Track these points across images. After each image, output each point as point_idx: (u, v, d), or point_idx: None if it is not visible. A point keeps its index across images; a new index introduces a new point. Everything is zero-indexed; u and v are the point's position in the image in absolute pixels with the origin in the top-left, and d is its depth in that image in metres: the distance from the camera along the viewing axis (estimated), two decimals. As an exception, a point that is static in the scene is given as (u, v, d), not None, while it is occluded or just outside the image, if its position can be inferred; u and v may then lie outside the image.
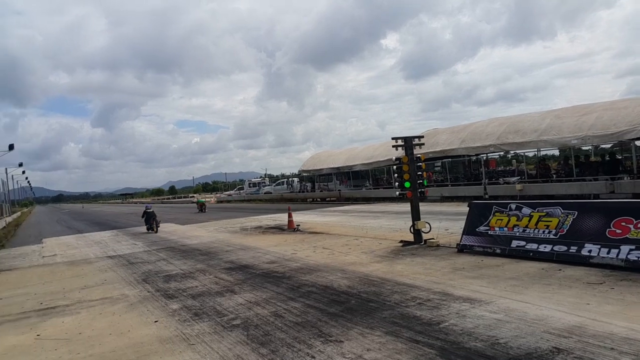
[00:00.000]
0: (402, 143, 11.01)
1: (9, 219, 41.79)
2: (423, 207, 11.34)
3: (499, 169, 28.72)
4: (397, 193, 11.28)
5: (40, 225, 34.14)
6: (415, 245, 10.27)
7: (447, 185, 26.84)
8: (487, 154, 25.77)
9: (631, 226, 6.61)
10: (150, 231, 19.14)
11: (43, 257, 13.65)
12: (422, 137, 11.56)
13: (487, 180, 23.65)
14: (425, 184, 11.25)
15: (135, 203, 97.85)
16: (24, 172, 78.47)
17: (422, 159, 11.31)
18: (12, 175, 68.19)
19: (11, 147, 39.97)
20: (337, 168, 37.52)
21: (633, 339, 4.11)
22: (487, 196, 20.76)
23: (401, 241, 10.82)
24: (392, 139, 11.28)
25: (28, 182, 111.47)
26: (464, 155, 26.21)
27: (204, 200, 39.01)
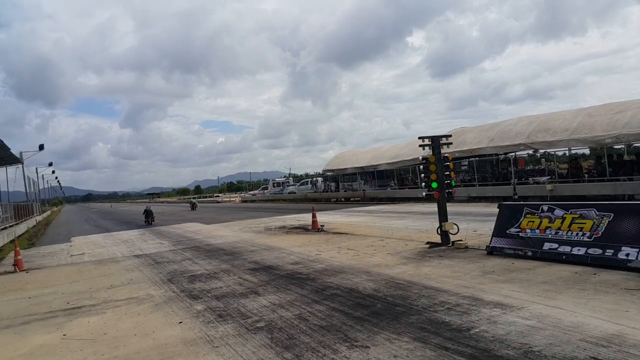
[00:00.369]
0: (429, 142, 10.79)
1: (39, 218, 42.90)
2: (450, 207, 11.12)
3: (528, 168, 28.12)
4: (424, 193, 11.06)
5: (70, 224, 34.91)
6: (442, 247, 10.06)
7: (474, 185, 26.37)
8: (516, 152, 25.24)
9: (672, 229, 6.29)
10: (146, 223, 25.75)
11: (71, 255, 13.89)
12: (450, 136, 11.29)
13: (516, 180, 23.14)
14: (453, 184, 11.00)
15: (162, 202, 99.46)
16: (53, 172, 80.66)
17: (450, 159, 11.07)
18: (43, 175, 70.22)
19: (41, 147, 41.05)
20: (362, 168, 37.31)
21: (680, 350, 3.87)
22: (516, 196, 20.30)
23: (428, 242, 10.62)
24: (419, 138, 11.05)
25: (58, 181, 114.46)
26: (491, 155, 25.72)
27: (195, 200, 48.55)
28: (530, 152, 24.97)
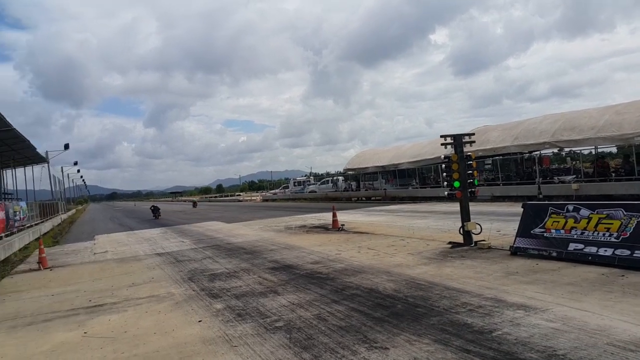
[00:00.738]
0: (452, 141, 10.64)
1: (64, 216, 43.79)
2: (473, 207, 10.94)
3: (553, 167, 27.57)
4: (446, 193, 10.92)
5: (94, 222, 35.54)
6: (464, 247, 9.90)
7: (498, 185, 25.96)
8: (540, 151, 24.75)
9: None
10: (154, 217, 32.64)
11: (94, 254, 14.12)
12: (473, 134, 11.10)
13: (540, 179, 22.69)
14: (476, 183, 10.82)
15: (184, 201, 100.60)
16: (79, 171, 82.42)
17: (473, 157, 10.89)
18: (68, 174, 71.72)
19: (66, 146, 41.92)
20: (383, 167, 37.10)
21: None
22: (541, 196, 19.91)
23: (450, 242, 10.47)
24: (441, 136, 10.91)
25: (83, 180, 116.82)
26: (515, 153, 25.27)
27: (196, 199, 54.41)
28: (555, 150, 24.46)
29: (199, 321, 5.92)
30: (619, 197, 17.04)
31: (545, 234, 8.24)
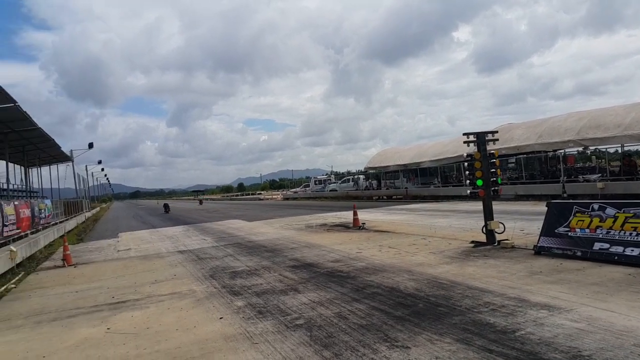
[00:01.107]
0: (474, 139, 10.51)
1: (88, 214, 44.62)
2: (496, 206, 10.80)
3: (578, 165, 27.03)
4: (469, 192, 10.80)
5: (118, 220, 36.16)
6: (487, 247, 9.77)
7: (521, 183, 25.57)
8: (565, 150, 24.30)
9: None
10: (165, 212, 40.16)
11: (118, 251, 14.35)
12: (496, 132, 10.94)
13: (565, 178, 22.27)
14: (500, 182, 10.68)
15: (206, 199, 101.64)
16: (102, 169, 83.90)
17: (497, 155, 10.73)
18: (92, 172, 73.12)
19: (90, 145, 42.74)
20: (404, 165, 36.90)
21: None
22: (565, 195, 19.54)
23: (472, 241, 10.34)
24: (464, 134, 10.78)
25: (107, 178, 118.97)
26: (539, 152, 24.85)
27: (202, 197, 58.94)
28: (580, 149, 23.98)
29: (220, 318, 5.96)
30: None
31: (569, 233, 8.08)
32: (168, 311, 6.55)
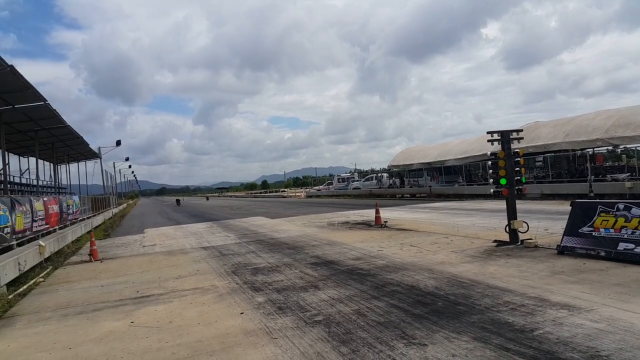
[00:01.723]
0: (499, 137, 10.41)
1: (115, 210, 45.57)
2: (521, 205, 10.68)
3: (607, 164, 26.40)
4: (492, 190, 10.70)
5: (144, 217, 36.83)
6: (510, 246, 9.66)
7: (548, 182, 25.11)
8: (593, 148, 23.76)
9: None
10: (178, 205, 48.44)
11: (143, 246, 14.66)
12: (521, 130, 10.81)
13: (592, 177, 21.79)
14: (524, 181, 10.55)
15: (230, 196, 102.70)
16: (130, 166, 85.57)
17: (521, 154, 10.59)
18: (120, 169, 74.64)
19: (118, 142, 43.65)
20: (428, 163, 36.65)
21: None
22: (592, 194, 19.13)
23: (495, 241, 10.24)
24: (488, 133, 10.70)
25: (134, 175, 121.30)
26: (567, 150, 24.35)
27: (209, 195, 62.52)
28: (610, 148, 23.41)
29: (241, 313, 6.07)
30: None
31: (593, 233, 7.94)
32: (190, 306, 6.70)
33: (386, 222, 15.97)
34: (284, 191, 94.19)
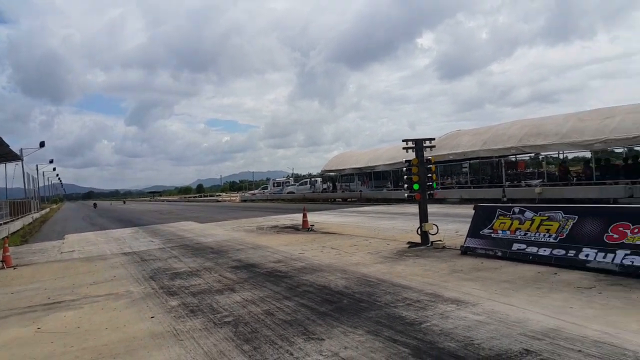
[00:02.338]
0: (413, 145, 11.06)
1: (36, 215, 43.13)
2: (441, 209, 11.39)
3: (528, 171, 28.33)
4: (406, 195, 11.33)
5: (66, 222, 35.16)
6: (421, 247, 10.28)
7: (469, 187, 26.59)
8: (516, 155, 25.43)
9: (628, 231, 6.52)
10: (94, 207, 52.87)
11: (61, 252, 14.13)
12: (433, 139, 11.54)
13: (508, 182, 23.36)
14: (435, 186, 11.25)
15: (163, 201, 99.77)
16: (54, 169, 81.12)
17: (433, 161, 11.33)
18: (43, 172, 70.64)
19: (42, 144, 41.42)
20: (360, 168, 37.59)
21: (603, 342, 4.11)
22: (505, 199, 20.53)
23: (408, 242, 10.84)
24: (403, 141, 11.35)
25: (59, 178, 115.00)
26: (491, 157, 25.87)
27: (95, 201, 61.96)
28: (524, 155, 25.09)
29: (152, 317, 6.14)
30: (579, 200, 17.71)
31: (492, 235, 8.67)
32: (101, 311, 6.67)
33: (313, 225, 16.35)
34: (219, 195, 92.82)
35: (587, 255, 6.85)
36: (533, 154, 24.73)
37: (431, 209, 17.52)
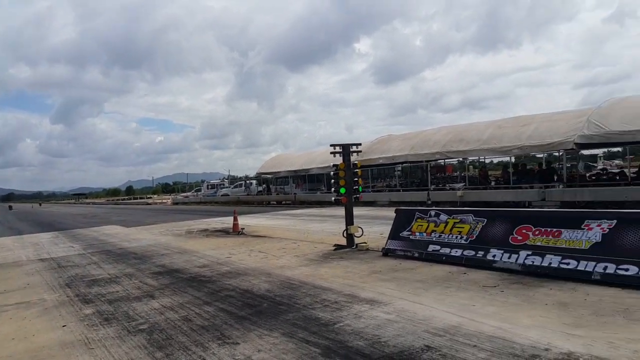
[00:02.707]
0: (340, 150, 11.37)
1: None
2: (370, 211, 11.73)
3: (455, 174, 29.63)
4: (333, 199, 11.62)
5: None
6: (346, 249, 10.55)
7: (398, 190, 27.46)
8: (434, 160, 26.55)
9: (530, 233, 7.07)
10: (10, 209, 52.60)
11: (-29, 260, 13.20)
12: (360, 144, 11.95)
13: (433, 186, 24.39)
14: (360, 190, 11.60)
15: (89, 204, 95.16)
16: (-32, 171, 75.35)
17: (359, 166, 11.71)
18: (-44, 174, 65.31)
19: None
20: (295, 171, 37.78)
21: (496, 336, 4.45)
22: (429, 202, 21.44)
23: (335, 245, 11.09)
24: (331, 145, 11.69)
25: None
26: (421, 161, 26.81)
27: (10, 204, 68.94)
28: (460, 159, 26.17)
29: (63, 326, 5.91)
30: (497, 204, 18.82)
31: (411, 237, 9.07)
32: (9, 321, 6.34)
33: (243, 229, 16.27)
34: (150, 198, 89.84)
35: (494, 256, 7.35)
36: (461, 159, 25.96)
37: (360, 211, 18.01)
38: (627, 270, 5.82)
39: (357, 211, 12.54)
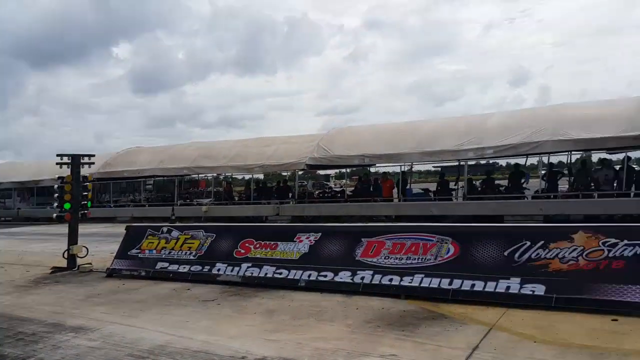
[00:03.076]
0: (69, 161, 10.39)
1: None
2: (107, 228, 10.80)
3: (203, 190, 29.66)
4: (55, 215, 10.45)
5: None
6: (66, 272, 9.47)
7: (143, 206, 26.20)
8: (184, 175, 26.31)
9: (252, 246, 7.53)
10: None
11: None
12: (93, 155, 11.09)
13: (181, 201, 24.09)
14: (89, 205, 10.68)
15: None
16: None
17: (90, 179, 10.82)
18: None
19: None
20: (22, 182, 32.55)
21: (201, 350, 4.53)
22: (173, 217, 21.01)
23: (53, 267, 9.83)
24: (57, 155, 10.63)
25: None
26: (171, 176, 26.02)
27: None
28: (214, 175, 26.26)
29: None
30: (240, 218, 19.63)
31: (139, 255, 8.67)
32: None
33: None
34: None
35: (219, 270, 7.56)
36: (211, 175, 26.24)
37: (96, 228, 16.57)
38: (325, 276, 6.66)
39: (92, 228, 11.46)
